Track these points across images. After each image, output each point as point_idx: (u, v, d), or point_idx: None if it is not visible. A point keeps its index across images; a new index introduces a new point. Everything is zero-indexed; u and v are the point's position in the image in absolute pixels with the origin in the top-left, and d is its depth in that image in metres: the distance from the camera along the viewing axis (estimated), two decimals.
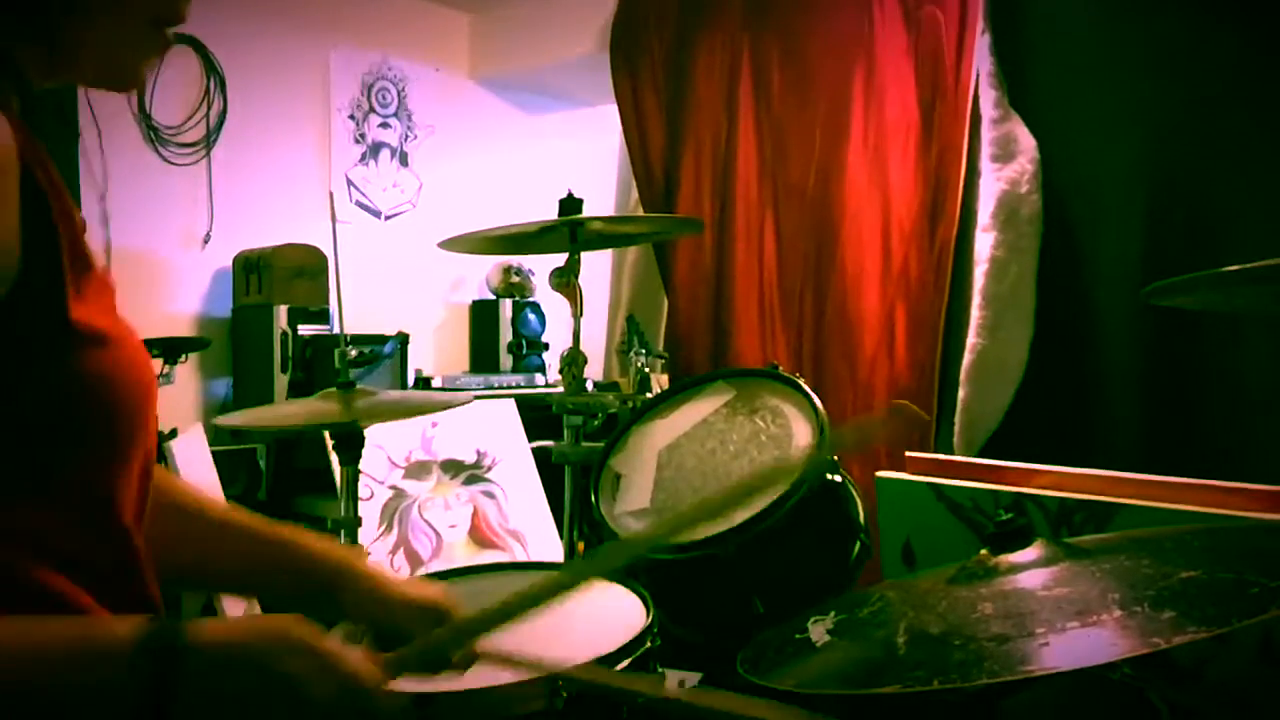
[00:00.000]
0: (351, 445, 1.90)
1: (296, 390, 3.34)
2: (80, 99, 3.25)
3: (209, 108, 3.66)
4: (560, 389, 2.11)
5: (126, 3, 0.82)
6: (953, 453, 2.55)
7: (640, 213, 3.50)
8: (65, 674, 0.71)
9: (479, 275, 4.41)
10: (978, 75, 2.64)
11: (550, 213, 2.15)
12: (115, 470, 0.82)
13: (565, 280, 2.10)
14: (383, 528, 3.00)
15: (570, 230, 2.08)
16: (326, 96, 4.05)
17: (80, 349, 0.77)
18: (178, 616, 0.78)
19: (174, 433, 2.81)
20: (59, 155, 0.82)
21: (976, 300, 2.58)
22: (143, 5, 0.83)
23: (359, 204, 4.14)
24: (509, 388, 3.87)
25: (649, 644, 1.17)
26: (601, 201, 3.78)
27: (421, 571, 2.92)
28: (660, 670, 1.21)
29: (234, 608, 2.60)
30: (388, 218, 4.23)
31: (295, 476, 3.34)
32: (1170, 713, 1.21)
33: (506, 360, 4.20)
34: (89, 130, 3.32)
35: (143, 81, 0.86)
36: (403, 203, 4.28)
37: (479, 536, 3.19)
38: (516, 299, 4.27)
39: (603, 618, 1.24)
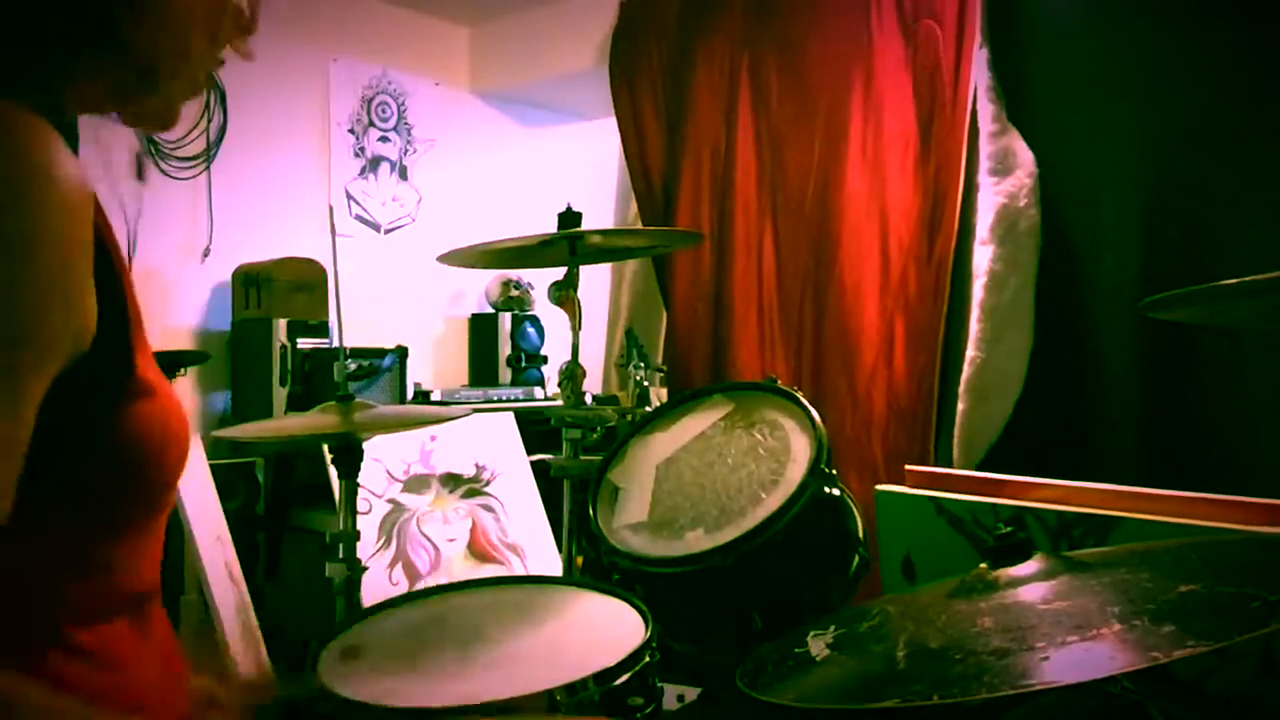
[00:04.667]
0: (350, 459, 1.90)
1: (295, 404, 3.34)
2: None
3: (209, 122, 3.67)
4: (559, 402, 2.11)
5: (186, 44, 0.84)
6: (952, 466, 2.54)
7: (639, 226, 3.50)
8: None
9: (478, 289, 4.41)
10: (976, 89, 2.65)
11: (549, 226, 2.16)
12: (160, 512, 0.85)
13: (564, 294, 2.10)
14: (381, 541, 2.99)
15: (569, 243, 2.08)
16: (326, 110, 4.06)
17: (140, 402, 0.78)
18: (176, 626, 0.79)
19: None
20: None
21: (975, 313, 2.59)
22: (200, 48, 0.85)
23: (358, 217, 4.14)
24: (508, 401, 3.86)
25: (648, 658, 1.16)
26: (601, 215, 3.79)
27: (420, 585, 2.92)
28: (659, 685, 1.20)
29: (228, 616, 2.59)
30: (387, 231, 4.23)
31: (294, 490, 3.33)
32: None
33: (505, 374, 4.20)
34: (89, 144, 3.32)
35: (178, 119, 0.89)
36: (402, 216, 4.28)
37: (478, 550, 3.18)
38: (515, 312, 4.27)
39: (602, 632, 1.24)
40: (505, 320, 4.23)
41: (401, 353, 3.65)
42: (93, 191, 0.73)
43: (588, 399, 2.16)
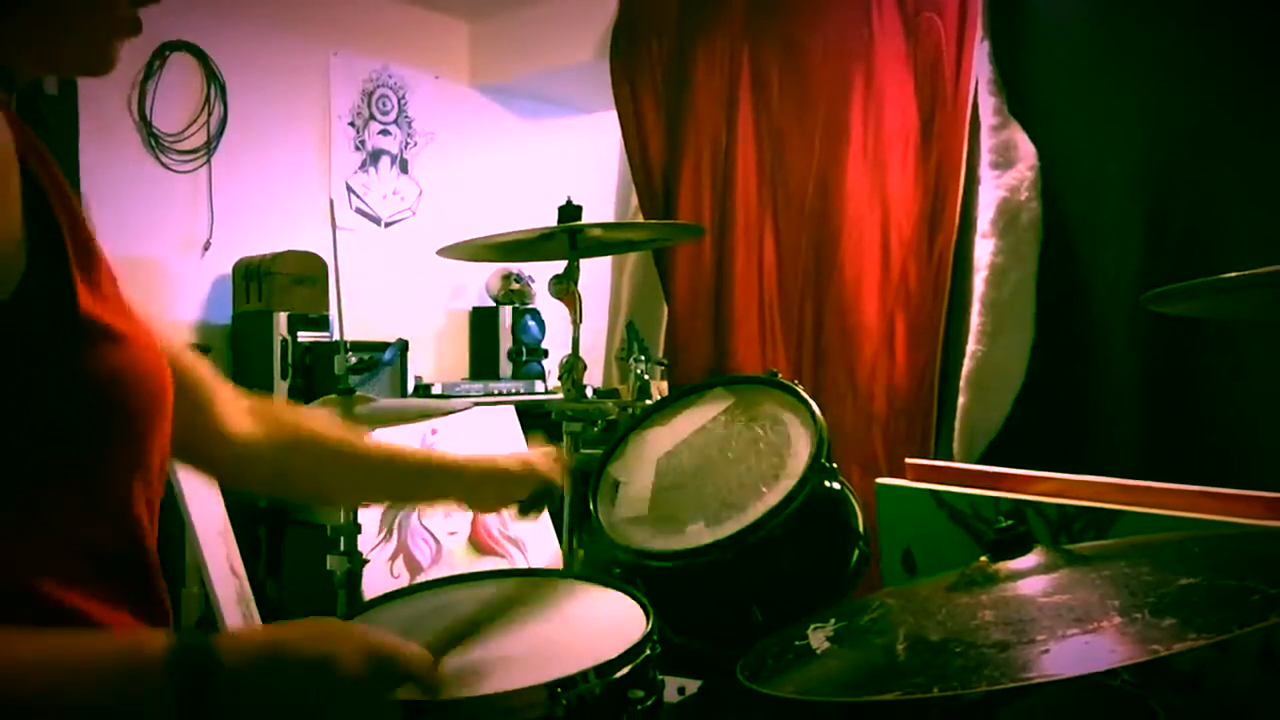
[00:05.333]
0: None
1: (296, 397, 3.34)
2: (81, 106, 3.25)
3: (209, 115, 3.66)
4: (560, 396, 2.11)
5: None
6: (953, 459, 2.55)
7: (640, 219, 3.50)
8: (99, 697, 0.70)
9: (479, 282, 4.41)
10: (977, 82, 2.65)
11: (550, 219, 2.16)
12: (129, 470, 0.80)
13: (565, 287, 2.10)
14: (382, 534, 3.00)
15: (570, 237, 2.08)
16: (327, 103, 4.06)
17: (92, 346, 0.75)
18: (177, 618, 0.78)
19: None
20: (59, 162, 0.81)
21: (976, 307, 2.58)
22: None
23: (359, 211, 4.14)
24: (509, 394, 3.87)
25: (648, 651, 1.16)
26: (601, 208, 3.78)
27: (421, 578, 2.92)
28: (660, 678, 1.20)
29: (229, 609, 2.60)
30: (388, 224, 4.23)
31: None
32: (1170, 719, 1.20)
33: (506, 367, 4.20)
34: (89, 137, 3.32)
35: (114, 63, 0.82)
36: (403, 210, 4.28)
37: (478, 543, 3.19)
38: (516, 306, 4.27)
39: (602, 625, 1.24)
40: (506, 314, 4.23)
41: (402, 346, 3.65)
42: (9, 140, 0.71)
43: (588, 392, 2.16)
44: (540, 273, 4.06)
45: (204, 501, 2.71)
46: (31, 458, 0.74)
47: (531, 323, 4.27)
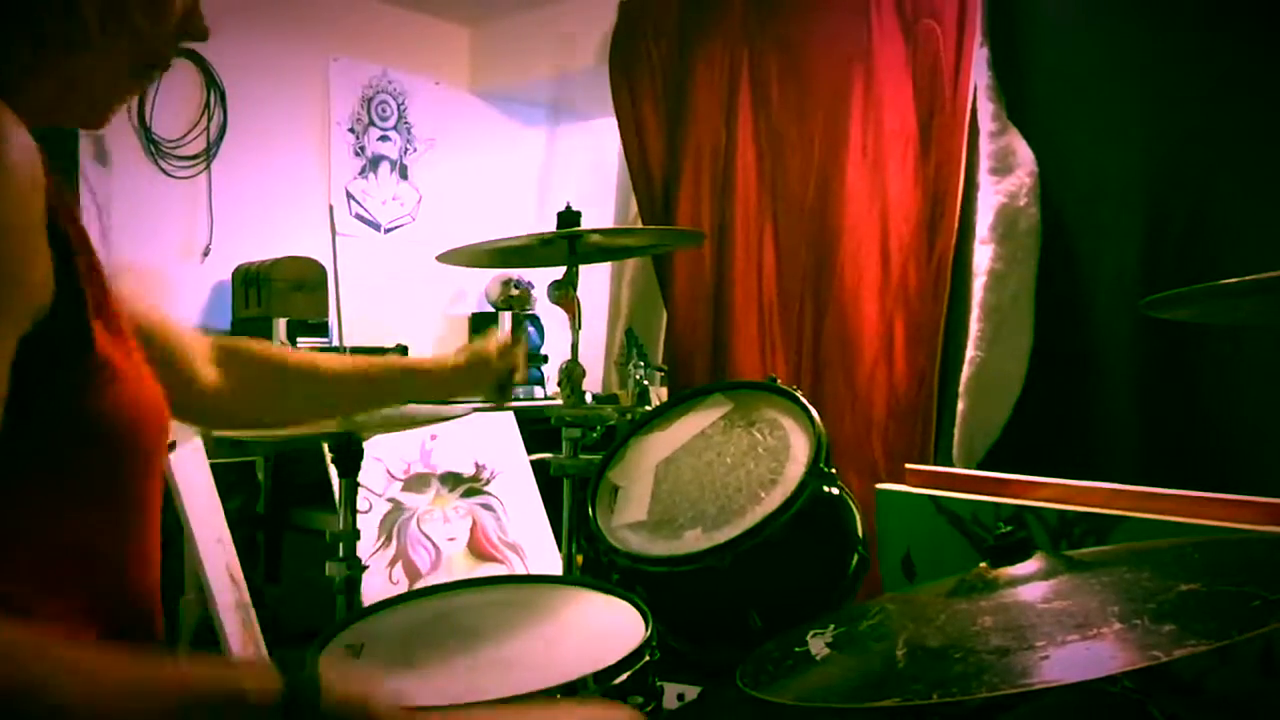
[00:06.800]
0: (350, 458, 1.90)
1: None
2: None
3: (209, 121, 3.66)
4: (559, 401, 2.11)
5: (122, 44, 0.84)
6: (952, 465, 2.54)
7: (639, 225, 3.50)
8: None
9: (478, 288, 4.41)
10: (976, 88, 2.65)
11: (549, 225, 2.15)
12: (127, 502, 0.84)
13: (564, 293, 2.10)
14: (381, 540, 2.99)
15: (569, 243, 2.08)
16: (326, 109, 4.06)
17: (101, 383, 0.79)
18: (175, 629, 0.79)
19: (172, 445, 2.81)
20: (60, 170, 0.83)
21: (975, 312, 2.58)
22: (135, 49, 0.85)
23: (358, 217, 4.14)
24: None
25: (648, 657, 1.16)
26: (600, 214, 3.78)
27: (420, 584, 2.92)
28: (659, 684, 1.20)
29: (228, 616, 2.59)
30: (387, 230, 4.23)
31: (294, 489, 3.33)
32: None
33: None
34: (89, 143, 3.32)
35: (109, 120, 0.89)
36: (402, 215, 4.28)
37: (478, 549, 3.18)
38: (515, 311, 4.27)
39: (602, 631, 1.24)
40: (505, 319, 4.23)
41: (401, 352, 3.65)
42: (43, 172, 0.74)
43: (587, 398, 2.16)
44: (540, 278, 4.06)
45: (202, 508, 2.71)
46: (33, 487, 0.77)
47: (531, 328, 4.27)
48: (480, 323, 4.36)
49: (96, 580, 0.82)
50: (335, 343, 3.52)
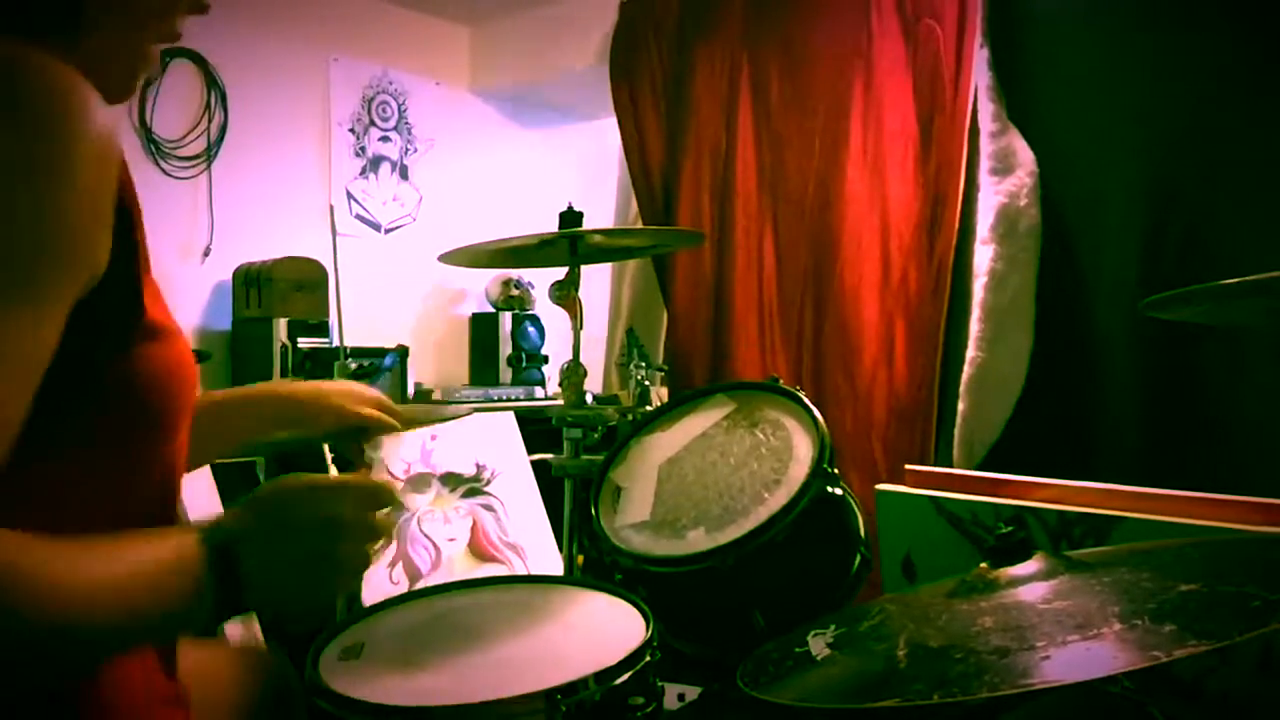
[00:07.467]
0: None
1: None
2: None
3: (209, 121, 3.67)
4: (560, 402, 2.11)
5: (143, 21, 0.89)
6: (952, 465, 2.54)
7: (639, 225, 3.50)
8: (155, 594, 0.76)
9: (479, 288, 4.41)
10: (976, 88, 2.65)
11: (550, 226, 2.16)
12: (169, 442, 0.89)
13: (565, 293, 2.10)
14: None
15: (570, 243, 2.08)
16: (327, 110, 4.07)
17: (147, 342, 0.84)
18: None
19: None
20: None
21: (976, 313, 2.59)
22: (155, 25, 0.90)
23: (359, 217, 4.15)
24: (509, 400, 3.87)
25: (649, 657, 1.16)
26: (601, 214, 3.79)
27: (421, 584, 2.92)
28: (660, 684, 1.20)
29: (230, 622, 2.59)
30: (387, 231, 4.24)
31: None
32: None
33: (506, 373, 4.20)
34: None
35: (135, 90, 0.93)
36: (403, 216, 4.28)
37: (478, 549, 3.18)
38: (516, 312, 4.27)
39: (602, 631, 1.24)
40: (506, 320, 4.23)
41: (402, 352, 3.66)
42: (120, 149, 0.79)
43: (588, 398, 2.17)
44: (540, 279, 4.06)
45: (202, 508, 2.71)
46: (83, 438, 0.81)
47: (531, 329, 4.27)
48: (480, 323, 4.36)
49: (132, 500, 0.86)
50: (335, 343, 3.53)
